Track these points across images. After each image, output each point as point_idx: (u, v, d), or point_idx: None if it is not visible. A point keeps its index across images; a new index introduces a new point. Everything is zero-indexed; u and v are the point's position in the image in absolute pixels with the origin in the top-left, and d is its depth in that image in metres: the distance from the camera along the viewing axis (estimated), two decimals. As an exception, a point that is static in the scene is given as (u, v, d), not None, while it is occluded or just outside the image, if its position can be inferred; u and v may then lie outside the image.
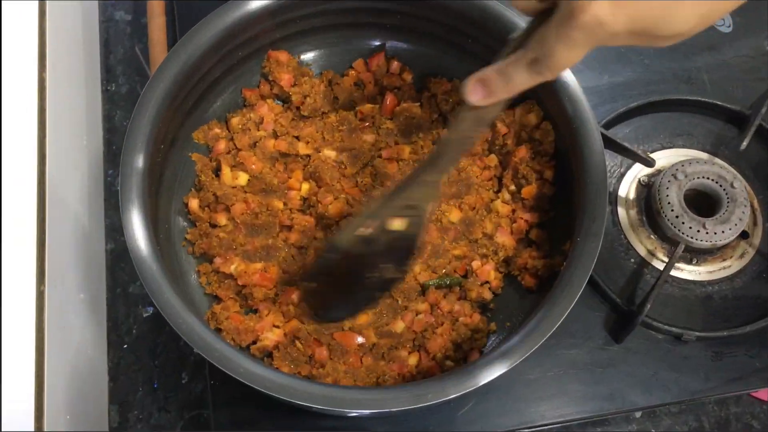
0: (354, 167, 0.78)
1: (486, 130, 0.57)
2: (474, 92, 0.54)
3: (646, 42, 0.46)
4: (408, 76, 0.82)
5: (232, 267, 0.72)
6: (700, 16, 0.44)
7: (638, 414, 0.81)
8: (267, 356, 0.71)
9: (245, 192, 0.76)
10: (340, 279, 0.66)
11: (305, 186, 0.77)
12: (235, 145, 0.78)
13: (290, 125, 0.79)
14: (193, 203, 0.74)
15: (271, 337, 0.70)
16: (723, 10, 0.46)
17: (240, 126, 0.78)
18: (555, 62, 0.48)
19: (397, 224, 0.63)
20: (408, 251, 0.65)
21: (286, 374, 0.59)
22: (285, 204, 0.76)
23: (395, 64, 0.82)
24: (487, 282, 0.75)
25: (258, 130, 0.78)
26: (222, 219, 0.75)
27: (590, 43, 0.46)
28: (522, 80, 0.51)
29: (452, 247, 0.76)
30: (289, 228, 0.76)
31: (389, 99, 0.81)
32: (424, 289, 0.74)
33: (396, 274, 0.66)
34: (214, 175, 0.76)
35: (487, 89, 0.53)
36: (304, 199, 0.77)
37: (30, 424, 0.60)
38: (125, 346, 0.81)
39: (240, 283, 0.72)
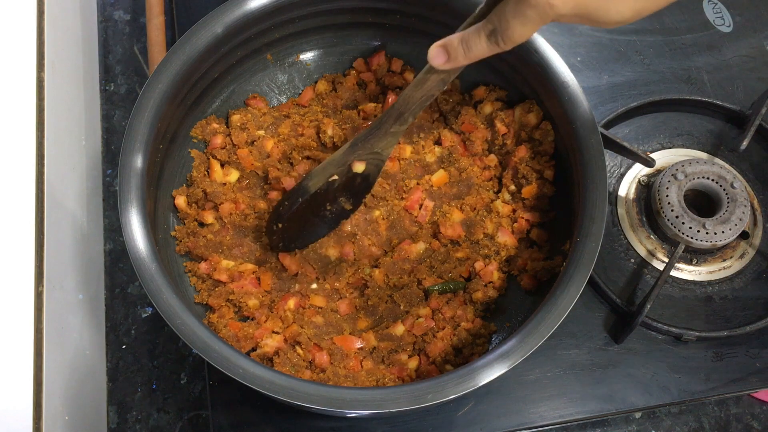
0: None
1: (444, 88, 0.65)
2: (437, 57, 0.59)
3: (589, 24, 0.53)
4: (410, 75, 0.82)
5: (222, 264, 0.72)
6: (634, 10, 0.52)
7: (638, 415, 0.80)
8: (268, 362, 0.70)
9: (235, 192, 0.76)
10: (302, 214, 0.72)
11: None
12: (232, 141, 0.78)
13: (290, 134, 0.79)
14: (180, 199, 0.74)
15: (270, 343, 0.70)
16: (655, 8, 0.53)
17: (239, 124, 0.78)
18: (510, 35, 0.54)
19: (360, 167, 0.71)
20: (365, 189, 0.74)
21: (285, 375, 0.59)
22: (269, 205, 0.76)
23: (397, 63, 0.82)
24: (490, 282, 0.75)
25: (257, 130, 0.78)
26: (209, 217, 0.74)
27: (542, 21, 0.52)
28: (480, 49, 0.56)
29: (454, 249, 0.76)
30: None
31: (391, 98, 0.80)
32: (426, 295, 0.74)
33: (351, 206, 0.74)
34: (206, 173, 0.76)
35: (449, 55, 0.58)
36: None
37: (28, 424, 0.60)
38: (124, 346, 0.81)
39: (230, 286, 0.71)
